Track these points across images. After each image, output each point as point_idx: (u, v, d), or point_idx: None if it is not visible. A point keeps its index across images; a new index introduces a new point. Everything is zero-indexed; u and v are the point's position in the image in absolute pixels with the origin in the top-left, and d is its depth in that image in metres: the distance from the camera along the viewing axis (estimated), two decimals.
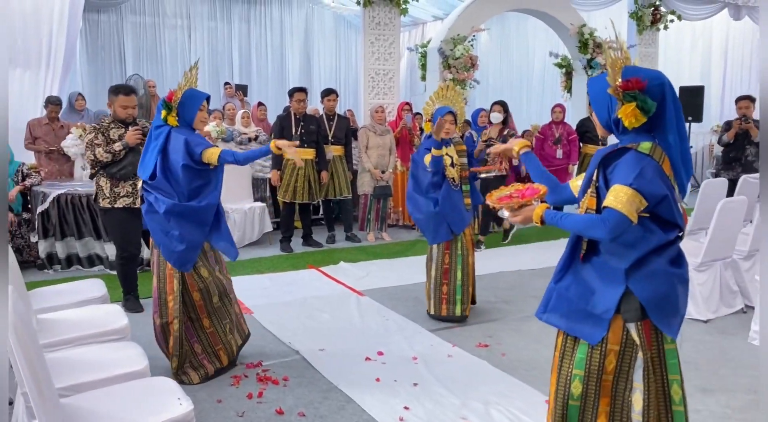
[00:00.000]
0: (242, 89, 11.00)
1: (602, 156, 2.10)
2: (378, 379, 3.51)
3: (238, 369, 3.67)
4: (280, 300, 4.97)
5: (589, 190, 2.14)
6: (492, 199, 2.35)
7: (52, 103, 6.81)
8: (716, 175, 7.04)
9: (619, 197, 1.96)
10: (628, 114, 2.01)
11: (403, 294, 5.15)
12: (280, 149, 3.37)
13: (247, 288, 5.11)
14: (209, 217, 3.44)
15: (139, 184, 3.50)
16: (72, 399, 2.31)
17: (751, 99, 6.76)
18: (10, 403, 3.06)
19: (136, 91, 4.68)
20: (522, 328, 4.33)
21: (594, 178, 2.12)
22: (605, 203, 2.00)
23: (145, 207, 3.45)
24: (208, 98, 3.52)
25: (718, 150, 8.26)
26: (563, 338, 2.24)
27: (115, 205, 4.48)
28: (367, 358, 3.81)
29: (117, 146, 4.40)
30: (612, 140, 2.20)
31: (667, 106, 2.03)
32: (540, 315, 2.28)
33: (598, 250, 2.14)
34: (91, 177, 4.58)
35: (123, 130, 4.48)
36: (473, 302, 4.70)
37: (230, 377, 3.55)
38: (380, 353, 3.88)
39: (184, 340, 3.47)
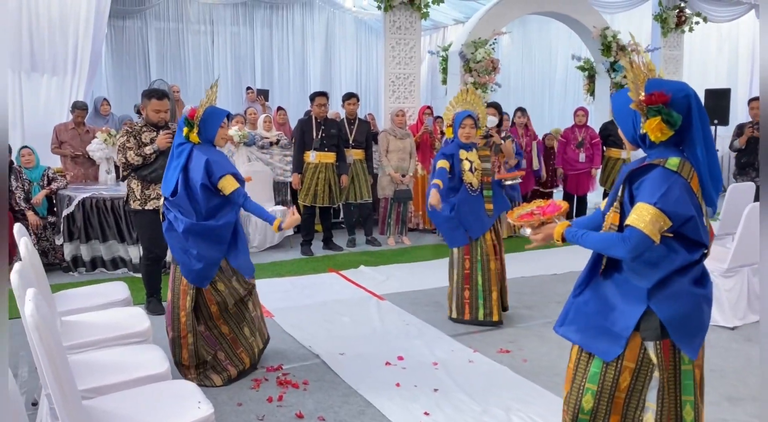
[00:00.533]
0: (264, 94, 11.06)
1: (629, 171, 2.05)
2: (398, 384, 3.50)
3: (258, 372, 3.68)
4: (300, 304, 4.98)
5: (614, 205, 2.10)
6: (513, 216, 2.34)
7: (79, 108, 6.92)
8: (735, 181, 6.88)
9: (642, 216, 1.92)
10: (654, 128, 1.96)
11: (424, 298, 5.13)
12: (281, 229, 3.46)
13: (267, 292, 5.12)
14: (227, 235, 3.49)
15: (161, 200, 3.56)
16: (94, 401, 2.33)
17: None
18: (35, 404, 3.11)
19: (169, 96, 4.73)
20: (544, 334, 4.28)
21: (620, 193, 2.07)
22: (628, 221, 1.96)
23: (165, 225, 3.51)
24: (228, 115, 3.56)
25: None
26: (578, 350, 2.21)
27: (146, 207, 4.54)
28: (387, 363, 3.80)
29: (148, 149, 4.47)
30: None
31: (693, 119, 1.97)
32: (557, 329, 2.27)
33: (620, 267, 2.10)
34: (123, 179, 4.65)
35: (155, 133, 4.55)
36: (505, 309, 4.62)
37: (251, 380, 3.57)
38: (400, 358, 3.87)
39: (207, 349, 3.52)
